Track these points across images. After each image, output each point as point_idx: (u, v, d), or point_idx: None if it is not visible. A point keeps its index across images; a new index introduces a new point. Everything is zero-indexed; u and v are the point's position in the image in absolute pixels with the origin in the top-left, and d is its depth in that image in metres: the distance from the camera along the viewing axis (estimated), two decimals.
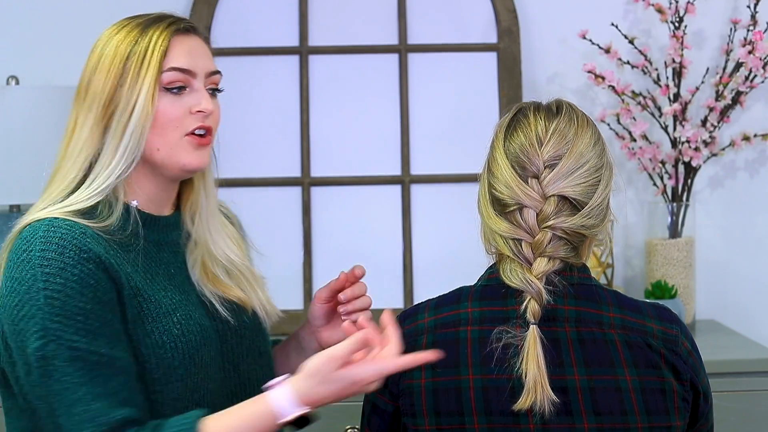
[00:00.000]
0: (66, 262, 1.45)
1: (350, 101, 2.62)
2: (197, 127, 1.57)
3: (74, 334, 1.43)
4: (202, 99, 1.57)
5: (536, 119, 1.52)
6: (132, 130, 1.53)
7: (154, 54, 1.54)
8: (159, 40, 1.55)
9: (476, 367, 1.47)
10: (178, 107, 1.56)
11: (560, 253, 1.48)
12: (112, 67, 1.54)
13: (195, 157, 1.57)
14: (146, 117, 1.53)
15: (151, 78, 1.54)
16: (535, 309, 1.45)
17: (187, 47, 1.58)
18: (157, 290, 1.54)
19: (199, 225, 1.65)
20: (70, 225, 1.49)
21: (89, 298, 1.45)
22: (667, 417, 1.47)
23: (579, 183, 1.48)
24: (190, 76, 1.57)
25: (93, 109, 1.54)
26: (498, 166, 1.51)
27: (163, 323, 1.52)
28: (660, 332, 1.50)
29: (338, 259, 2.58)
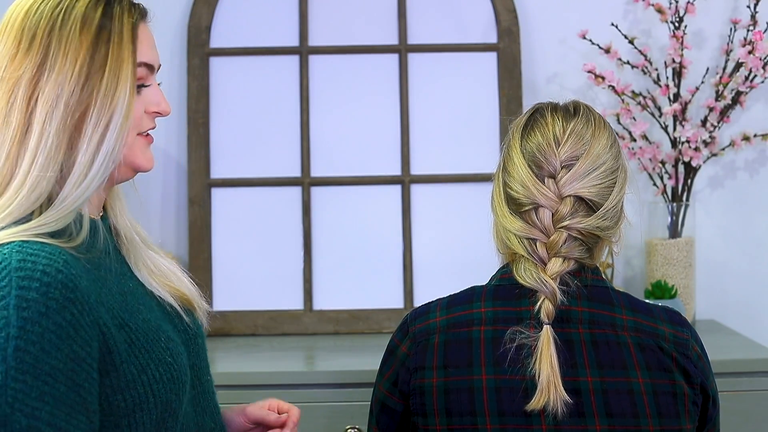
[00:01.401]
0: (49, 305, 1.21)
1: (350, 101, 2.62)
2: (150, 128, 1.40)
3: (37, 400, 1.19)
4: (161, 100, 1.39)
5: (554, 119, 1.52)
6: (112, 135, 1.30)
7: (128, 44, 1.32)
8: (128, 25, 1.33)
9: (489, 368, 1.47)
10: (140, 106, 1.37)
11: (575, 254, 1.48)
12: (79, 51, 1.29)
13: (148, 157, 1.40)
14: (127, 119, 1.32)
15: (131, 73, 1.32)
16: (549, 309, 1.45)
17: (149, 37, 1.38)
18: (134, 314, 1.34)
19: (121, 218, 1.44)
20: (49, 252, 1.24)
21: (65, 354, 1.22)
22: (678, 420, 1.47)
23: (595, 184, 1.48)
24: (151, 72, 1.38)
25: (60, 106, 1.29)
26: (514, 165, 1.51)
27: (155, 353, 1.33)
28: (672, 336, 1.50)
29: (338, 259, 2.58)
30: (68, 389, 1.22)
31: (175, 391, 1.34)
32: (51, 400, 1.21)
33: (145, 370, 1.31)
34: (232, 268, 2.57)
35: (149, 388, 1.31)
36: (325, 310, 2.56)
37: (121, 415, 1.30)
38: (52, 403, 1.21)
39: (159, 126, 1.46)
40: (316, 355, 2.40)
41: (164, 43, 2.63)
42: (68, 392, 1.22)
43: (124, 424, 1.30)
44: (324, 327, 2.55)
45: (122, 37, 1.32)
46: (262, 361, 2.30)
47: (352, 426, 2.14)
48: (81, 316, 1.24)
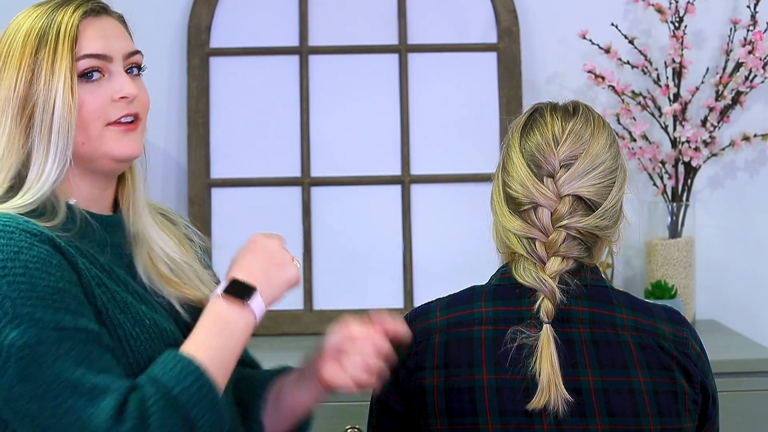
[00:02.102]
0: (20, 245, 1.31)
1: (350, 101, 2.62)
2: (123, 115, 1.43)
3: (55, 314, 1.29)
4: (124, 84, 1.43)
5: (553, 119, 1.52)
6: (58, 128, 1.39)
7: (64, 42, 1.40)
8: (67, 26, 1.40)
9: (490, 367, 1.47)
10: (98, 97, 1.41)
11: (574, 253, 1.48)
12: (22, 61, 1.40)
13: (125, 145, 1.43)
14: (70, 112, 1.39)
15: (67, 68, 1.39)
16: (549, 308, 1.45)
17: (99, 30, 1.43)
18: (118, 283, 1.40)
19: (135, 219, 1.50)
20: (10, 216, 1.35)
21: (57, 277, 1.31)
22: (679, 419, 1.48)
23: (594, 184, 1.49)
24: (106, 62, 1.42)
25: (8, 111, 1.40)
26: (513, 164, 1.51)
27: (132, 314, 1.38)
28: (671, 334, 1.50)
29: (338, 259, 2.58)
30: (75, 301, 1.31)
31: (158, 348, 1.37)
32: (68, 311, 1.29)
33: (122, 325, 1.37)
34: None
35: (126, 343, 1.36)
36: (325, 310, 2.56)
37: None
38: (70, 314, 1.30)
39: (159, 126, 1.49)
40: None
41: (164, 43, 2.63)
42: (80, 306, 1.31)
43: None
44: (324, 327, 2.54)
45: (59, 35, 1.41)
46: (262, 361, 2.29)
47: (352, 426, 2.14)
48: (56, 252, 1.33)
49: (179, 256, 1.53)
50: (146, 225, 1.51)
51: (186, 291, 1.50)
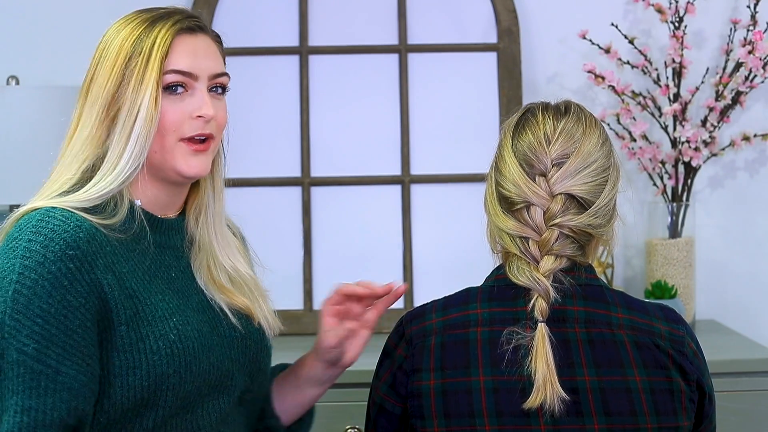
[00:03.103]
0: (47, 256, 1.37)
1: (350, 101, 2.62)
2: (197, 134, 1.51)
3: (26, 337, 1.35)
4: (204, 104, 1.51)
5: (545, 118, 1.52)
6: (138, 134, 1.47)
7: (156, 54, 1.48)
8: (161, 39, 1.49)
9: (487, 369, 1.47)
10: (178, 110, 1.50)
11: (567, 252, 1.48)
12: (115, 66, 1.49)
13: (193, 164, 1.51)
14: (151, 121, 1.47)
15: (154, 80, 1.47)
16: (543, 307, 1.45)
17: (190, 48, 1.52)
18: (153, 293, 1.47)
19: (203, 228, 1.59)
20: (66, 216, 1.42)
21: (56, 300, 1.37)
22: (675, 417, 1.48)
23: (586, 182, 1.49)
24: (191, 79, 1.51)
25: (96, 108, 1.49)
26: (506, 164, 1.51)
27: (159, 327, 1.45)
28: (667, 333, 1.50)
29: (338, 259, 2.58)
30: (59, 331, 1.37)
31: (174, 367, 1.44)
32: (40, 339, 1.35)
33: (144, 339, 1.43)
34: None
35: (144, 355, 1.42)
36: None
37: (115, 374, 1.42)
38: (42, 342, 1.36)
39: None
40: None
41: None
42: (60, 334, 1.37)
43: (116, 384, 1.42)
44: None
45: (152, 48, 1.49)
46: None
47: (352, 426, 2.14)
48: (78, 272, 1.39)
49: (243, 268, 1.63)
50: (218, 236, 1.60)
51: (235, 299, 1.59)
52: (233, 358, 1.55)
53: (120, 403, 1.42)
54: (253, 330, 1.61)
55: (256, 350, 1.62)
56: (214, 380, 1.52)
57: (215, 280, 1.58)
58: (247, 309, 1.60)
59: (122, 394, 1.42)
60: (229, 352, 1.54)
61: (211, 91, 1.54)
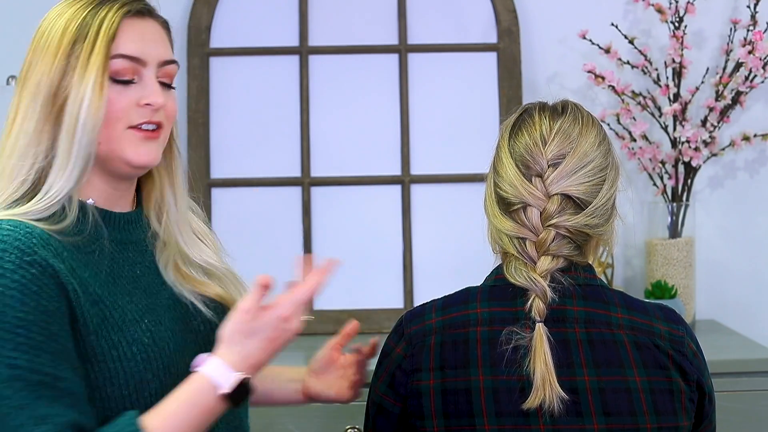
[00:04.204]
0: (5, 267, 1.28)
1: (350, 101, 2.62)
2: (144, 121, 1.41)
3: (13, 350, 1.25)
4: (153, 91, 1.41)
5: (541, 119, 1.52)
6: (82, 124, 1.36)
7: (102, 38, 1.38)
8: (108, 22, 1.38)
9: (486, 368, 1.47)
10: (124, 98, 1.40)
11: (564, 252, 1.48)
12: (59, 52, 1.38)
13: (142, 152, 1.41)
14: (97, 110, 1.36)
15: (99, 65, 1.37)
16: (540, 307, 1.45)
17: (138, 32, 1.41)
18: (119, 295, 1.38)
19: (167, 225, 1.50)
20: (14, 225, 1.32)
21: (32, 307, 1.27)
22: (675, 417, 1.48)
23: (583, 182, 1.49)
24: (140, 65, 1.41)
25: (39, 100, 1.37)
26: (503, 165, 1.52)
27: (130, 332, 1.36)
28: (667, 333, 1.50)
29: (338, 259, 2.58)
30: (45, 338, 1.28)
31: (153, 371, 1.37)
32: (28, 348, 1.26)
33: (116, 346, 1.35)
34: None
35: (119, 363, 1.34)
36: (325, 310, 2.56)
37: (92, 387, 1.34)
38: (31, 351, 1.26)
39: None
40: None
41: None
42: (46, 341, 1.28)
43: (96, 397, 1.34)
44: (324, 327, 2.55)
45: (99, 32, 1.39)
46: None
47: (352, 426, 2.14)
48: (42, 276, 1.29)
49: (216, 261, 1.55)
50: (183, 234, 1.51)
51: (206, 289, 1.51)
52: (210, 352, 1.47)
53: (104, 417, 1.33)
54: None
55: None
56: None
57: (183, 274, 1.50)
58: (221, 298, 1.52)
59: (103, 406, 1.34)
60: (205, 348, 1.45)
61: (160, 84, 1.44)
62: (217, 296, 1.53)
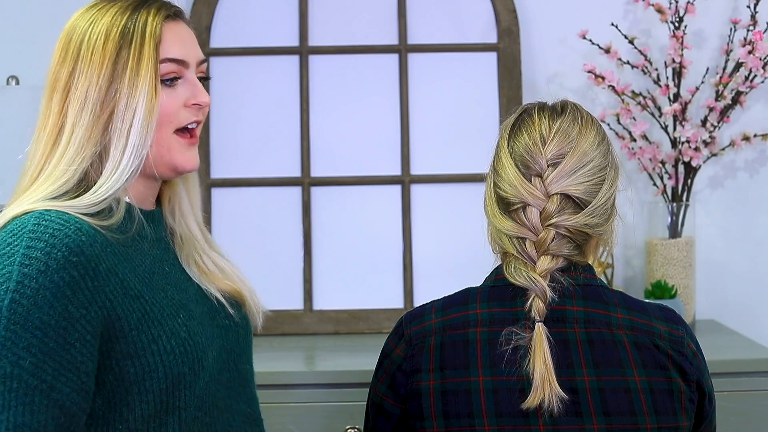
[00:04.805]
0: (49, 264, 1.30)
1: (350, 101, 2.62)
2: (192, 121, 1.47)
3: (23, 350, 1.27)
4: (198, 91, 1.47)
5: (540, 119, 1.53)
6: (138, 129, 1.41)
7: (149, 43, 1.42)
8: (151, 28, 1.43)
9: (486, 369, 1.47)
10: (174, 100, 1.45)
11: (563, 251, 1.48)
12: (105, 59, 1.41)
13: (189, 158, 1.48)
14: (151, 113, 1.42)
15: (151, 70, 1.42)
16: (540, 307, 1.45)
17: (178, 35, 1.47)
18: (156, 291, 1.42)
19: (181, 221, 1.55)
20: (65, 219, 1.34)
21: (58, 312, 1.29)
22: (675, 418, 1.48)
23: (582, 182, 1.49)
24: (184, 67, 1.46)
25: (88, 106, 1.41)
26: (503, 165, 1.52)
27: (169, 326, 1.40)
28: (667, 333, 1.50)
29: (338, 259, 2.58)
30: (58, 345, 1.29)
31: (189, 364, 1.40)
32: (38, 352, 1.28)
33: (156, 340, 1.38)
34: None
35: (159, 357, 1.38)
36: (325, 310, 2.56)
37: (131, 381, 1.37)
38: (39, 355, 1.28)
39: None
40: (316, 355, 2.40)
41: None
42: (57, 348, 1.29)
43: (134, 391, 1.37)
44: (324, 327, 2.56)
45: (144, 37, 1.43)
46: (262, 361, 2.30)
47: (352, 426, 2.14)
48: (82, 280, 1.32)
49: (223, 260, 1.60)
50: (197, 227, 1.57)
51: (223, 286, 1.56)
52: (229, 348, 1.53)
53: (140, 410, 1.37)
54: (242, 316, 1.58)
55: (246, 335, 1.59)
56: (217, 374, 1.49)
57: (204, 270, 1.55)
58: (238, 294, 1.57)
59: (141, 399, 1.37)
60: (226, 343, 1.52)
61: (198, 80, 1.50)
62: (235, 292, 1.57)
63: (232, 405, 1.53)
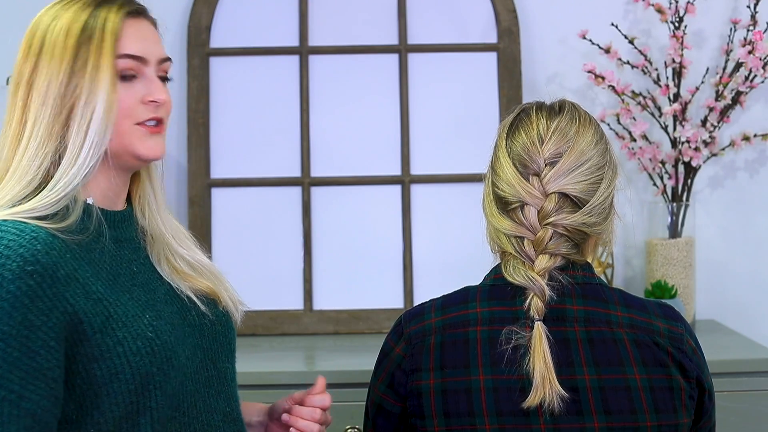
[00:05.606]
0: (5, 275, 1.30)
1: (350, 101, 2.62)
2: (150, 117, 1.47)
3: None
4: (156, 88, 1.47)
5: (538, 118, 1.53)
6: (97, 125, 1.41)
7: (108, 39, 1.43)
8: (111, 24, 1.44)
9: (486, 368, 1.47)
10: (131, 96, 1.45)
11: (561, 250, 1.48)
12: (65, 54, 1.42)
13: (150, 146, 1.47)
14: (111, 109, 1.42)
15: (109, 65, 1.42)
16: (539, 306, 1.45)
17: (139, 32, 1.47)
18: (121, 293, 1.42)
19: (151, 219, 1.55)
20: (20, 229, 1.35)
21: (17, 321, 1.29)
22: (675, 415, 1.48)
23: (580, 181, 1.49)
24: (143, 64, 1.47)
25: (48, 101, 1.41)
26: (501, 165, 1.52)
27: (134, 327, 1.40)
28: (666, 330, 1.51)
29: (338, 259, 2.58)
30: (22, 354, 1.30)
31: (157, 364, 1.40)
32: (2, 363, 1.28)
33: (122, 342, 1.38)
34: (232, 268, 2.56)
35: (125, 359, 1.38)
36: (325, 310, 2.56)
37: (99, 384, 1.37)
38: (4, 366, 1.28)
39: None
40: (316, 355, 2.40)
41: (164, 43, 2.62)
42: (22, 357, 1.30)
43: (103, 393, 1.37)
44: (324, 327, 2.56)
45: (104, 33, 1.44)
46: (262, 361, 2.30)
47: (352, 426, 2.14)
48: (39, 288, 1.32)
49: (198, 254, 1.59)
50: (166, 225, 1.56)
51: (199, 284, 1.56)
52: (205, 346, 1.53)
53: (111, 412, 1.37)
54: (220, 314, 1.57)
55: (224, 333, 1.58)
56: (193, 373, 1.49)
57: (176, 269, 1.55)
58: (213, 292, 1.57)
59: (111, 401, 1.37)
60: (201, 342, 1.52)
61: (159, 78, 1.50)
62: (209, 290, 1.57)
63: (212, 404, 1.53)
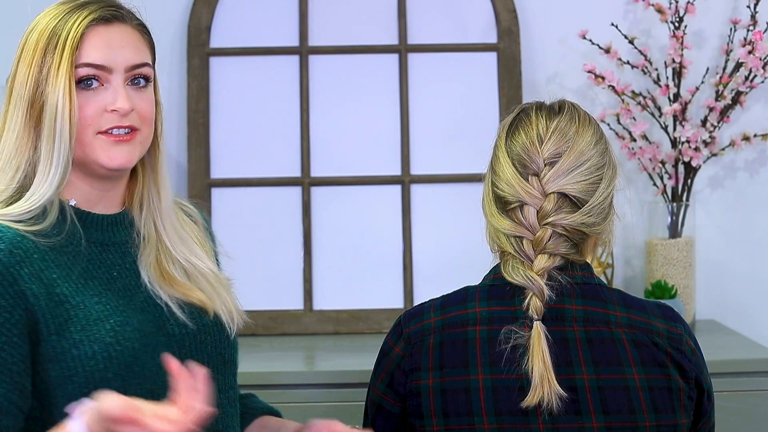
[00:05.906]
0: None
1: (350, 101, 2.62)
2: (113, 126, 1.44)
3: None
4: (118, 97, 1.43)
5: (538, 118, 1.53)
6: (59, 131, 1.41)
7: (68, 48, 1.42)
8: (73, 32, 1.42)
9: (485, 368, 1.47)
10: (92, 105, 1.43)
11: (560, 250, 1.49)
12: (33, 61, 1.43)
13: (114, 156, 1.44)
14: (70, 116, 1.41)
15: (66, 74, 1.41)
16: (537, 305, 1.45)
17: (104, 39, 1.44)
18: (88, 296, 1.41)
19: (147, 221, 1.52)
20: None
21: None
22: (674, 415, 1.48)
23: (579, 181, 1.49)
24: (105, 72, 1.44)
25: (20, 106, 1.43)
26: (500, 164, 1.52)
27: (93, 331, 1.39)
28: (665, 331, 1.51)
29: (338, 259, 2.58)
30: None
31: (114, 370, 1.39)
32: None
33: (77, 345, 1.38)
34: (232, 268, 2.56)
35: (79, 362, 1.37)
36: (325, 310, 2.56)
37: (54, 385, 1.38)
38: None
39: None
40: (316, 355, 2.40)
41: (164, 43, 2.61)
42: None
43: (58, 394, 1.38)
44: (324, 327, 2.56)
45: (65, 41, 1.42)
46: (262, 361, 2.30)
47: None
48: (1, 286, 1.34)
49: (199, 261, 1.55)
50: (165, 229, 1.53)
51: (189, 293, 1.51)
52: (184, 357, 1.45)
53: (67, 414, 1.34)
54: (208, 323, 1.52)
55: (214, 344, 1.53)
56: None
57: (164, 275, 1.51)
58: (201, 303, 1.52)
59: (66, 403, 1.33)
60: (179, 352, 1.45)
61: (132, 84, 1.47)
62: (199, 301, 1.52)
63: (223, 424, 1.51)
